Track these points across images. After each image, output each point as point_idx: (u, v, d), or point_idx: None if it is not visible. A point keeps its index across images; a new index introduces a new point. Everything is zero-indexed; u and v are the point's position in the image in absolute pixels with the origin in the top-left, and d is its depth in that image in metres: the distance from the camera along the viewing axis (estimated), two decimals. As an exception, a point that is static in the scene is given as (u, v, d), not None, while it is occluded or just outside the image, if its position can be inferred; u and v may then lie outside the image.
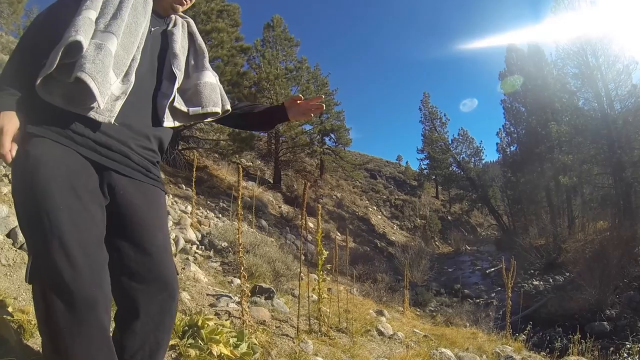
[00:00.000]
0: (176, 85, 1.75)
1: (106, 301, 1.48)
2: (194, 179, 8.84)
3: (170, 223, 7.68)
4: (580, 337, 6.99)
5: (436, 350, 5.45)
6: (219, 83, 1.97)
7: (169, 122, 1.72)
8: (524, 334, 8.72)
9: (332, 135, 31.77)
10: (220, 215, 11.51)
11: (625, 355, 8.48)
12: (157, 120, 1.69)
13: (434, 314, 12.95)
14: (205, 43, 10.77)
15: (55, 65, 1.41)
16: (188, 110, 1.79)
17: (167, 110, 1.71)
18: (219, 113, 1.92)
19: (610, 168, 22.89)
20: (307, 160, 30.77)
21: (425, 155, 42.99)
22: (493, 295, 18.20)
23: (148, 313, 1.62)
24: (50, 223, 1.38)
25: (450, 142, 39.60)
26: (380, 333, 5.97)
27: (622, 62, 22.95)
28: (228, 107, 1.95)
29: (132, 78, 1.57)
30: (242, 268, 3.93)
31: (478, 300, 17.54)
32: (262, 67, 22.36)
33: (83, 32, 1.45)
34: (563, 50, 25.04)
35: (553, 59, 28.04)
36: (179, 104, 1.76)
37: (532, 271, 21.16)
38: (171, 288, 1.67)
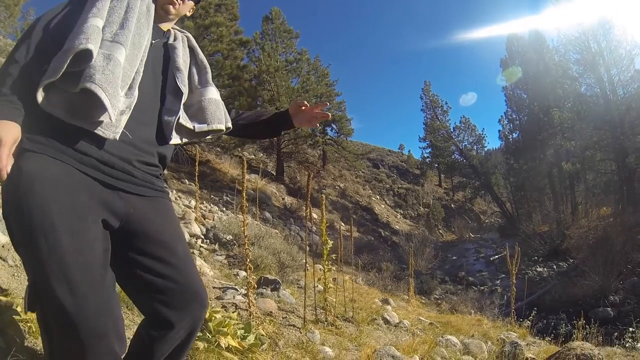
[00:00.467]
0: (182, 101, 1.71)
1: (117, 327, 1.42)
2: (196, 173, 8.82)
3: (175, 218, 7.74)
4: (585, 323, 7.01)
5: (442, 337, 5.48)
6: (221, 99, 1.94)
7: (175, 139, 1.68)
8: (529, 320, 8.77)
9: (334, 126, 31.72)
10: (224, 209, 11.55)
11: (630, 340, 8.50)
12: (163, 137, 1.65)
13: (439, 301, 12.97)
14: (204, 37, 10.72)
15: (61, 73, 1.34)
16: (194, 127, 1.76)
17: (174, 127, 1.66)
18: (223, 130, 1.88)
19: (613, 154, 22.81)
20: (310, 152, 30.72)
21: (428, 144, 42.80)
22: (497, 282, 18.25)
23: (181, 324, 1.56)
24: (47, 246, 1.28)
25: (452, 130, 39.31)
26: (386, 321, 6.02)
27: (624, 47, 22.89)
28: (230, 124, 1.91)
29: (136, 92, 1.51)
30: (248, 260, 3.96)
31: (482, 288, 17.60)
32: (262, 60, 22.26)
33: (93, 40, 1.39)
34: (564, 36, 25.01)
35: (554, 45, 28.11)
36: (185, 120, 1.72)
37: (536, 258, 21.17)
38: (200, 297, 1.63)
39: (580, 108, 24.49)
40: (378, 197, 36.09)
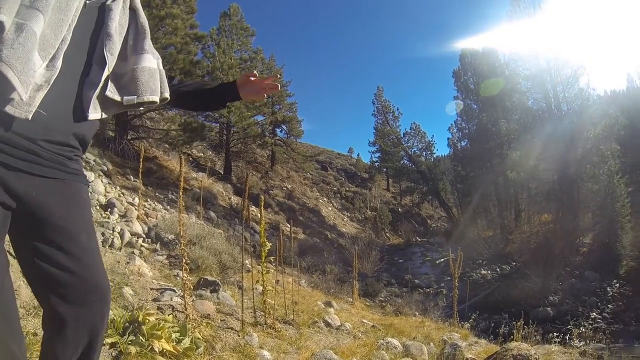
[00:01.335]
0: (106, 72, 1.50)
1: (11, 326, 1.31)
2: (141, 170, 8.59)
3: (116, 216, 7.50)
4: (524, 323, 7.25)
5: (383, 340, 5.52)
6: (160, 67, 1.74)
7: (95, 114, 1.49)
8: (469, 322, 9.02)
9: (284, 127, 31.69)
10: (169, 207, 11.28)
11: (577, 340, 8.85)
12: (81, 113, 1.45)
13: (384, 304, 13.10)
14: (159, 29, 10.38)
15: None
16: (122, 99, 1.57)
17: (92, 102, 1.47)
18: (157, 102, 1.68)
19: (556, 165, 23.88)
20: (259, 152, 30.52)
21: (377, 148, 43.37)
22: (442, 284, 18.70)
23: (78, 321, 1.44)
24: None
25: (402, 135, 40.04)
26: (328, 324, 6.01)
27: (570, 67, 24.23)
28: (167, 94, 1.71)
29: (59, 63, 1.33)
30: (185, 261, 3.88)
31: (428, 290, 18.01)
32: (216, 57, 21.97)
33: (7, 9, 1.22)
34: (516, 53, 26.14)
35: (505, 60, 29.42)
36: (112, 92, 1.53)
37: (480, 261, 21.90)
38: (100, 290, 1.49)
39: (526, 121, 25.78)
40: (325, 199, 36.17)
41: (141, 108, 1.77)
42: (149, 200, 10.69)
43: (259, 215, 16.99)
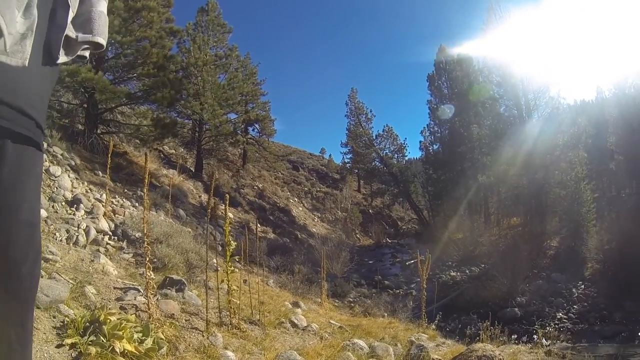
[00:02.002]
0: (70, 15, 1.52)
1: None
2: (109, 165, 8.44)
3: (82, 212, 7.36)
4: (492, 323, 7.36)
5: (349, 341, 5.51)
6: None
7: (63, 57, 1.52)
8: (435, 323, 9.13)
9: (257, 126, 31.57)
10: (138, 204, 11.08)
11: (543, 340, 9.00)
12: (50, 57, 1.45)
13: (353, 305, 13.12)
14: (134, 21, 10.22)
15: None
16: (77, 36, 1.57)
17: (62, 44, 1.49)
18: (104, 46, 1.71)
19: (525, 170, 24.40)
20: (230, 150, 30.28)
21: (349, 149, 43.50)
22: (412, 286, 18.85)
23: None
24: None
25: (374, 137, 40.31)
26: (294, 325, 6.00)
27: (542, 76, 25.16)
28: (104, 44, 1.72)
29: (35, 11, 1.32)
30: (148, 259, 3.84)
31: (398, 291, 18.16)
32: (191, 52, 21.73)
33: None
34: (490, 60, 26.61)
35: (480, 67, 29.96)
36: (70, 30, 1.54)
37: (450, 263, 22.24)
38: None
39: (498, 126, 26.39)
40: (296, 199, 36.13)
41: (86, 53, 1.74)
42: (117, 196, 10.50)
43: (229, 214, 16.88)
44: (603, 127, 29.39)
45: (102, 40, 1.66)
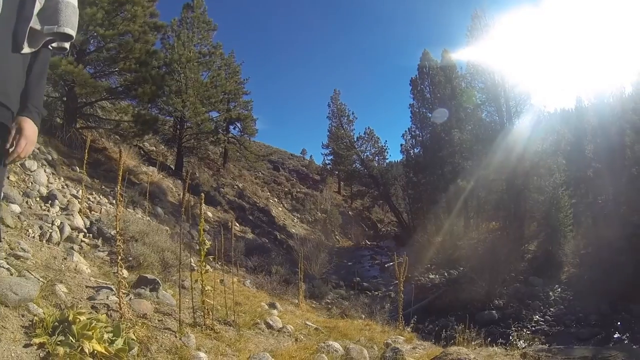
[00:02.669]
0: (37, 7, 1.59)
1: None
2: (86, 159, 8.33)
3: (57, 208, 7.24)
4: (470, 326, 7.42)
5: (324, 343, 5.51)
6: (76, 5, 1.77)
7: (27, 48, 1.58)
8: (410, 326, 9.19)
9: (238, 125, 31.41)
10: (115, 202, 10.98)
11: (519, 342, 9.11)
12: (16, 47, 1.54)
13: (330, 306, 13.09)
14: (118, 14, 10.12)
15: None
16: (42, 29, 1.63)
17: (27, 35, 1.55)
18: (73, 36, 1.75)
19: (504, 175, 24.72)
20: (211, 148, 30.03)
21: (330, 151, 43.77)
22: (391, 288, 18.95)
23: None
24: None
25: (355, 139, 40.54)
26: (269, 326, 5.98)
27: (524, 84, 25.51)
28: (74, 34, 1.75)
29: (1, 2, 1.42)
30: (120, 257, 3.80)
31: (376, 293, 18.29)
32: (175, 48, 21.54)
33: None
34: (473, 66, 26.88)
35: (463, 73, 30.39)
36: (34, 22, 1.60)
37: (429, 266, 22.42)
38: None
39: (479, 132, 26.71)
40: (276, 199, 36.06)
41: (65, 44, 1.81)
42: (94, 193, 10.35)
43: (208, 213, 16.71)
44: (582, 135, 29.89)
45: (70, 30, 1.69)
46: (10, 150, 1.57)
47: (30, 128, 1.61)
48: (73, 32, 1.72)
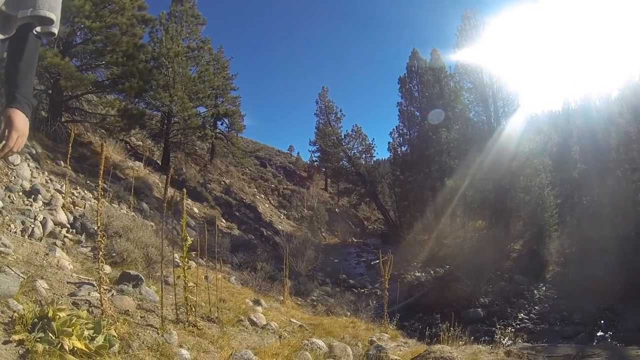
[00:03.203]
0: None
1: None
2: (69, 153, 8.22)
3: (40, 203, 7.17)
4: (456, 323, 7.47)
5: (307, 340, 5.50)
6: None
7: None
8: (395, 323, 9.24)
9: (226, 120, 31.28)
10: (102, 197, 10.84)
11: (504, 339, 9.19)
12: None
13: (316, 303, 13.11)
14: (105, 6, 10.00)
15: None
16: (18, 12, 1.55)
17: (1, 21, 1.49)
18: (53, 20, 1.65)
19: (491, 175, 24.95)
20: (199, 144, 29.87)
21: (317, 148, 44.00)
22: (377, 285, 19.05)
23: None
24: None
25: (342, 137, 40.68)
26: (253, 323, 5.95)
27: (511, 85, 26.01)
28: (54, 19, 1.67)
29: None
30: (102, 252, 3.76)
31: (362, 290, 18.39)
32: (163, 42, 21.37)
33: None
34: (462, 67, 27.08)
35: (451, 72, 30.78)
36: (7, 6, 1.53)
37: (415, 263, 22.57)
38: None
39: (466, 131, 26.94)
40: (263, 196, 36.00)
41: (53, 29, 1.73)
42: (78, 188, 10.22)
43: (195, 209, 16.62)
44: (568, 136, 30.26)
45: (48, 13, 1.61)
46: (1, 145, 1.53)
47: (21, 120, 1.58)
48: (52, 15, 1.64)
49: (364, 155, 41.21)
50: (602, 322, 14.26)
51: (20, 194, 7.18)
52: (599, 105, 27.66)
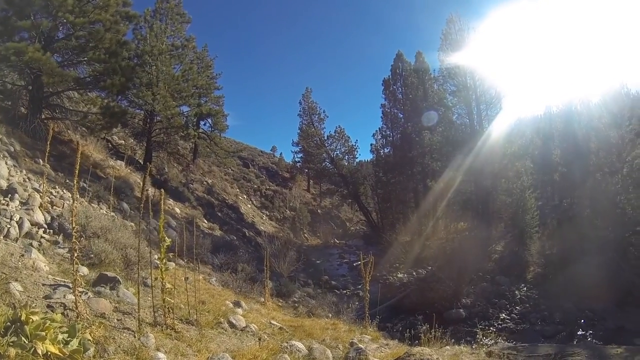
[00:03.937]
0: None
1: None
2: (47, 151, 8.07)
3: (16, 202, 7.04)
4: (437, 324, 7.49)
5: (287, 342, 5.49)
6: None
7: None
8: (375, 324, 9.26)
9: (209, 120, 31.05)
10: (78, 196, 10.66)
11: (484, 339, 9.25)
12: None
13: (297, 305, 13.08)
14: (89, 2, 9.88)
15: None
16: None
17: None
18: None
19: (473, 177, 25.12)
20: (181, 143, 29.64)
21: (300, 149, 43.86)
22: (359, 286, 19.04)
23: None
24: None
25: (325, 138, 40.66)
26: (232, 325, 5.92)
27: (495, 88, 25.89)
28: None
29: None
30: (76, 254, 3.70)
31: (344, 292, 18.41)
32: (147, 40, 21.14)
33: None
34: (446, 69, 27.24)
35: (435, 75, 30.87)
36: None
37: (398, 265, 22.65)
38: None
39: (449, 133, 27.05)
40: (245, 196, 35.89)
41: None
42: (57, 187, 10.03)
43: (176, 209, 16.47)
44: (550, 140, 30.75)
45: None
46: None
47: None
48: None
49: (346, 156, 41.26)
50: (582, 321, 14.47)
51: (-4, 193, 7.03)
52: (580, 110, 28.12)
